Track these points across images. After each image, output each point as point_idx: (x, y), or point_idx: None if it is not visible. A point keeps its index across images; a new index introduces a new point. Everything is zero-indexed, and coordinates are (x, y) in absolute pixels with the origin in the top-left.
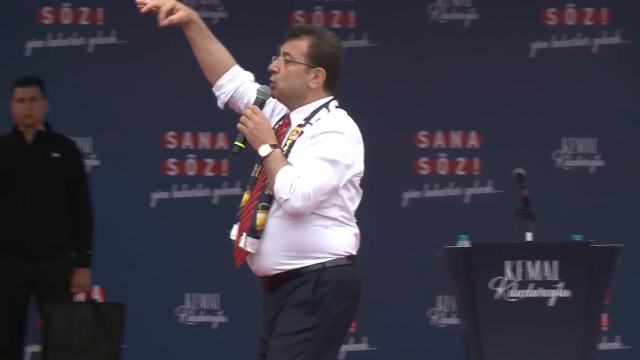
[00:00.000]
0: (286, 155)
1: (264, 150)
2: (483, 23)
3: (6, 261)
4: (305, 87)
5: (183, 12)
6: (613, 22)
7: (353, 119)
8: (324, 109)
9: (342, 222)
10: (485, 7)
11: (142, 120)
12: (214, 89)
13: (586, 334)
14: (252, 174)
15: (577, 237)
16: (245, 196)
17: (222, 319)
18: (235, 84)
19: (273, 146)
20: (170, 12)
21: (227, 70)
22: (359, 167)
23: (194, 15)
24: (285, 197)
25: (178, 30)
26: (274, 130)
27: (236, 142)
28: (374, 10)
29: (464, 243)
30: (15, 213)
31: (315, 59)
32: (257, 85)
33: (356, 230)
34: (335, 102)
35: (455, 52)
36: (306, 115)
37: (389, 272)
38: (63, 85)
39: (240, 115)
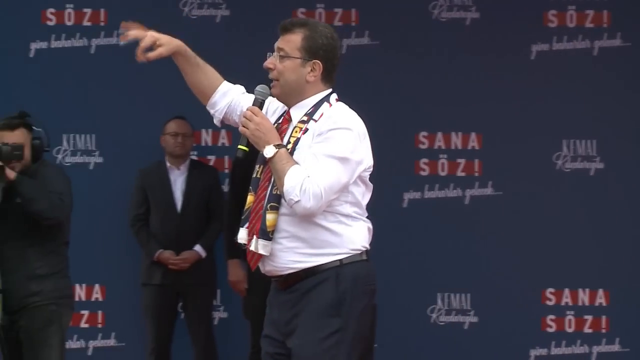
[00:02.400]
0: (291, 153)
1: (268, 151)
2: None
3: None
4: (303, 82)
5: (164, 49)
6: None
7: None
8: (325, 103)
9: (355, 217)
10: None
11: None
12: (207, 107)
13: None
14: (254, 175)
15: None
16: (250, 198)
17: (474, 319)
18: (227, 99)
19: (277, 146)
20: (150, 48)
21: (216, 88)
22: (368, 161)
23: (179, 47)
24: (296, 199)
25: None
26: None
27: (240, 146)
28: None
29: None
30: None
31: (310, 52)
32: (249, 96)
33: (369, 224)
34: (335, 95)
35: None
36: (307, 110)
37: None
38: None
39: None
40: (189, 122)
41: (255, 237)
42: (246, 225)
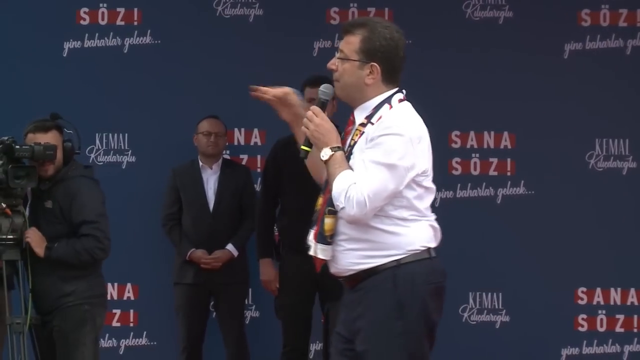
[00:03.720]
0: (349, 157)
1: (324, 153)
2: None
3: (291, 260)
4: (362, 84)
5: (286, 111)
6: None
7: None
8: (386, 105)
9: (412, 219)
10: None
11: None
12: None
13: None
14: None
15: None
16: (319, 200)
17: (505, 318)
18: None
19: (335, 149)
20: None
21: None
22: (421, 166)
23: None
24: (341, 205)
25: None
26: (338, 131)
27: (302, 147)
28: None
29: None
30: (300, 212)
31: (367, 54)
32: None
33: (432, 222)
34: (399, 95)
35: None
36: (368, 112)
37: None
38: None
39: None
40: (222, 121)
41: (314, 241)
42: (314, 227)
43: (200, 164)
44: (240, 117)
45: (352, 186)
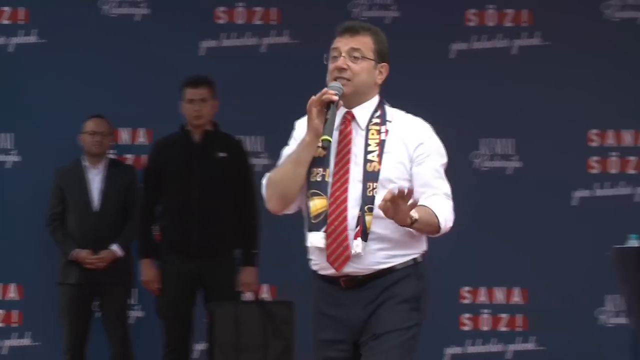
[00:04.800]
0: (380, 155)
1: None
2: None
3: (172, 260)
4: (372, 83)
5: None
6: None
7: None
8: (384, 106)
9: None
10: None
11: None
12: (284, 212)
13: None
14: (316, 179)
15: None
16: (322, 201)
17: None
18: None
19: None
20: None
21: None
22: None
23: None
24: (451, 224)
25: None
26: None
27: (325, 137)
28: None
29: (635, 242)
30: (182, 212)
31: (380, 55)
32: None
33: None
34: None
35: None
36: (370, 112)
37: (557, 271)
38: (236, 84)
39: None
40: (108, 121)
41: (360, 239)
42: (323, 229)
43: (86, 163)
44: (126, 117)
45: (449, 205)
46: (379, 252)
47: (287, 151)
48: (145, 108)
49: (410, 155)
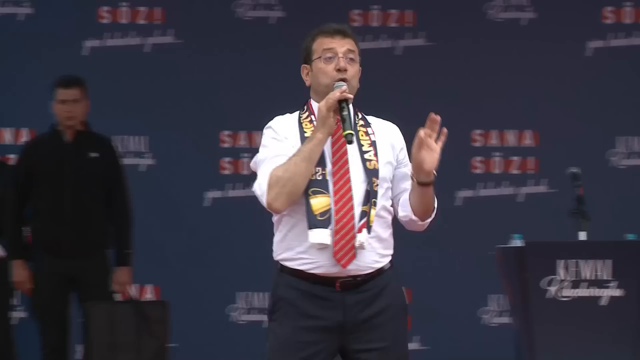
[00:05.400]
0: (376, 154)
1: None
2: (540, 22)
3: (44, 261)
4: (356, 87)
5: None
6: None
7: (410, 118)
8: (355, 109)
9: None
10: (543, 6)
11: (198, 119)
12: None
13: (638, 333)
14: (316, 177)
15: (632, 237)
16: (325, 199)
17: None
18: None
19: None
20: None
21: None
22: None
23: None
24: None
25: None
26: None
27: (349, 131)
28: (433, 9)
29: (518, 242)
30: (53, 212)
31: (359, 58)
32: None
33: None
34: None
35: (511, 51)
36: (353, 114)
37: (441, 271)
38: (120, 84)
39: None
40: None
41: (364, 233)
42: (329, 226)
43: None
44: (9, 117)
45: None
46: (375, 251)
47: (273, 151)
48: (29, 108)
49: (396, 157)
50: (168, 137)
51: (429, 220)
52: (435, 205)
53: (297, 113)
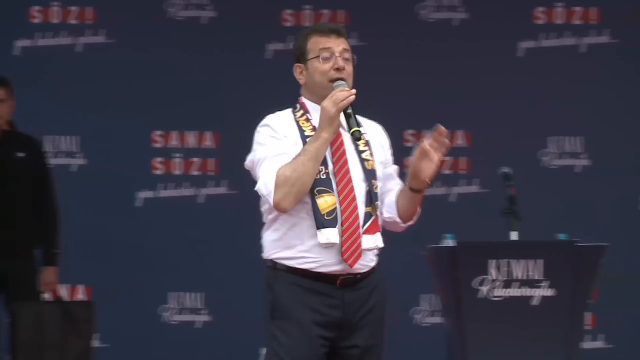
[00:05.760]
0: (372, 154)
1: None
2: (472, 22)
3: None
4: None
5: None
6: (603, 22)
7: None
8: None
9: None
10: (475, 7)
11: (130, 120)
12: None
13: (570, 333)
14: (320, 176)
15: (564, 236)
16: (333, 198)
17: (206, 318)
18: None
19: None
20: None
21: None
22: None
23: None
24: None
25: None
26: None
27: (356, 128)
28: (365, 9)
29: (449, 242)
30: None
31: None
32: None
33: None
34: None
35: (443, 51)
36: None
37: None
38: (51, 83)
39: None
40: None
41: (377, 236)
42: (336, 225)
43: None
44: None
45: None
46: (372, 250)
47: (273, 150)
48: None
49: (385, 156)
50: (99, 137)
51: (411, 223)
52: (420, 210)
53: (288, 111)
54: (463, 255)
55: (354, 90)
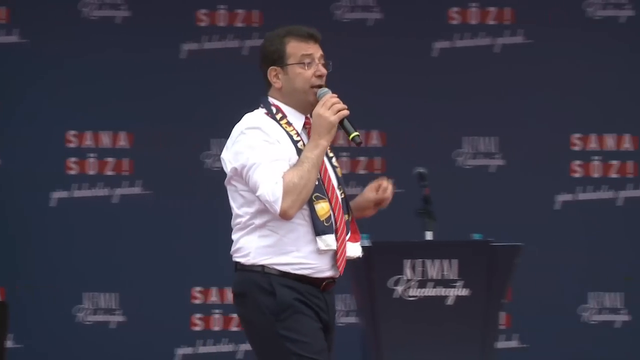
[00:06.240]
0: (337, 160)
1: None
2: (387, 22)
3: None
4: None
5: None
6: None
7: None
8: None
9: None
10: (389, 7)
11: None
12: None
13: (485, 333)
14: (315, 183)
15: (478, 236)
16: (328, 205)
17: (121, 319)
18: None
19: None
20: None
21: None
22: None
23: None
24: None
25: None
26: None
27: (356, 133)
28: (279, 10)
29: (365, 242)
30: None
31: None
32: None
33: None
34: None
35: (358, 50)
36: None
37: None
38: None
39: None
40: None
41: (359, 243)
42: (332, 232)
43: None
44: None
45: None
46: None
47: (268, 155)
48: None
49: None
50: (14, 136)
51: None
52: None
53: (263, 113)
54: (378, 255)
55: (344, 107)
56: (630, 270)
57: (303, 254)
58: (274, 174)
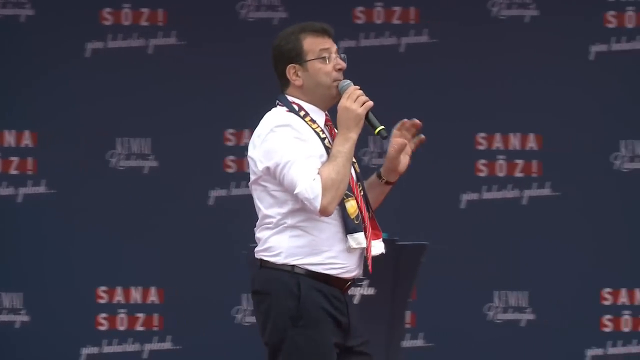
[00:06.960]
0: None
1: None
2: (292, 22)
3: None
4: None
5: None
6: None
7: None
8: None
9: None
10: (294, 6)
11: None
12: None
13: (390, 332)
14: None
15: (384, 235)
16: (355, 202)
17: (25, 318)
18: None
19: None
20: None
21: None
22: None
23: None
24: None
25: None
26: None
27: (381, 128)
28: (185, 9)
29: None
30: None
31: None
32: None
33: None
34: None
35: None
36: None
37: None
38: None
39: None
40: None
41: (376, 239)
42: (362, 229)
43: None
44: None
45: None
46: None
47: (302, 152)
48: None
49: None
50: None
51: None
52: None
53: (285, 111)
54: None
55: (367, 99)
56: (536, 269)
57: (334, 253)
58: (310, 170)
